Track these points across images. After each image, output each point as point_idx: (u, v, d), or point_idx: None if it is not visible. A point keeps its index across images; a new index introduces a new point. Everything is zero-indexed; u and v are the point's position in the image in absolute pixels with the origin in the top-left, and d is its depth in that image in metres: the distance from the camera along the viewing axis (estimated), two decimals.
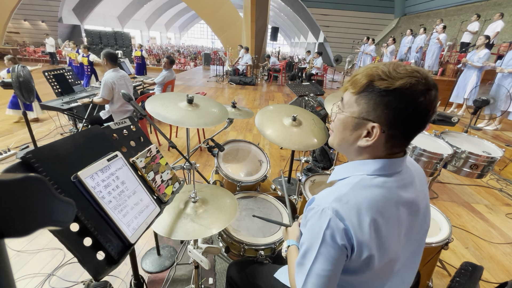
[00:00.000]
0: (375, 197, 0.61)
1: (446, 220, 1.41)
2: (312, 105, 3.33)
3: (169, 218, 1.05)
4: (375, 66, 0.60)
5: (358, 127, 0.64)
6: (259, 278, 1.04)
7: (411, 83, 0.56)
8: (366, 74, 0.60)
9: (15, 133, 3.76)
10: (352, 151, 0.69)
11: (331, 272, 0.60)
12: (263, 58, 11.39)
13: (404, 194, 0.65)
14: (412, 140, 0.65)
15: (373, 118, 0.61)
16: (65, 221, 0.33)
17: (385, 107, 0.58)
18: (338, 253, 0.59)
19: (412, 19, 13.67)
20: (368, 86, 0.60)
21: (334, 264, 0.60)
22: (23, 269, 1.63)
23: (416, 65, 8.12)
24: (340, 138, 0.69)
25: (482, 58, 4.58)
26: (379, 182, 0.63)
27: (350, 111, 0.64)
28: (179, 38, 35.24)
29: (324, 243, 0.59)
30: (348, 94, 0.65)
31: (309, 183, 1.73)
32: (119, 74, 2.82)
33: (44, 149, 0.61)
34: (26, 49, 13.64)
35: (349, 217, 0.58)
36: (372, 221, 0.59)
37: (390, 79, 0.57)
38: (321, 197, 0.64)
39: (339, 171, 0.71)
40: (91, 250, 0.62)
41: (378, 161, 0.64)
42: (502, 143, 3.76)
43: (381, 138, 0.62)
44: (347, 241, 0.58)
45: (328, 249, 0.59)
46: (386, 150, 0.64)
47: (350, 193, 0.61)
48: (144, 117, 1.32)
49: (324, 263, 0.60)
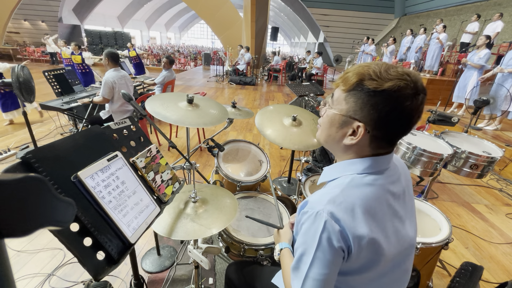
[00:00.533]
0: (367, 195, 0.61)
1: (446, 220, 1.41)
2: (312, 105, 3.33)
3: (169, 218, 1.05)
4: (367, 65, 0.60)
5: (344, 125, 0.64)
6: (257, 280, 1.04)
7: (400, 86, 0.56)
8: (357, 73, 0.60)
9: (15, 133, 3.76)
10: (338, 149, 0.69)
11: (327, 275, 0.60)
12: (263, 58, 11.40)
13: (393, 189, 0.66)
14: (396, 143, 0.65)
15: (359, 118, 0.61)
16: (65, 221, 0.33)
17: (371, 107, 0.59)
18: (335, 256, 0.59)
19: (412, 19, 13.67)
20: (358, 84, 0.60)
21: (331, 268, 0.59)
22: (23, 269, 1.63)
23: (416, 65, 8.02)
24: (327, 134, 0.69)
25: (483, 58, 4.58)
26: (370, 180, 0.63)
27: (338, 108, 0.65)
28: (179, 38, 35.23)
29: (320, 247, 0.59)
30: (339, 91, 0.65)
31: (309, 183, 1.73)
32: (120, 74, 2.82)
33: (44, 149, 0.60)
34: (26, 49, 13.64)
35: (343, 217, 0.58)
36: (366, 214, 0.60)
37: (379, 79, 0.57)
38: (315, 200, 0.63)
39: (329, 172, 0.71)
40: (91, 250, 0.62)
41: (365, 159, 0.65)
42: (502, 143, 3.76)
43: (366, 138, 0.62)
44: (343, 242, 0.58)
45: (324, 252, 0.59)
46: (371, 150, 0.65)
47: (343, 194, 0.61)
48: (144, 117, 1.32)
49: (320, 267, 0.59)
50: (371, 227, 0.59)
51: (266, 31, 11.57)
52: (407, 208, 0.71)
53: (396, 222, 0.66)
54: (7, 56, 13.35)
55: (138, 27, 26.04)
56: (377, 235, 0.60)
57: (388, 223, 0.64)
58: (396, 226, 0.65)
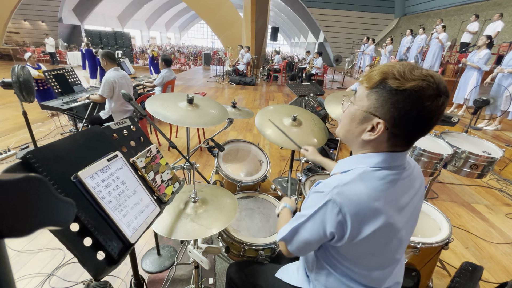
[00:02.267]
0: (376, 188, 0.64)
1: (446, 220, 1.41)
2: (312, 105, 3.33)
3: (169, 218, 1.05)
4: (392, 65, 0.62)
5: (364, 121, 0.67)
6: (259, 278, 1.04)
7: (422, 87, 0.57)
8: (381, 71, 0.61)
9: (15, 133, 3.76)
10: (356, 144, 0.72)
11: (307, 241, 0.72)
12: (263, 58, 11.39)
13: (402, 186, 0.69)
14: (414, 143, 0.67)
15: (380, 114, 0.63)
16: (65, 221, 0.33)
17: (392, 105, 0.60)
18: (320, 233, 0.68)
19: (412, 19, 13.67)
20: (381, 83, 0.61)
21: (313, 237, 0.70)
22: (23, 269, 1.63)
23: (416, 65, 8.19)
24: (346, 129, 0.72)
25: (483, 58, 4.58)
26: (381, 174, 0.66)
27: (360, 104, 0.67)
28: (179, 38, 35.22)
29: (314, 217, 0.67)
30: (362, 88, 0.67)
31: (309, 183, 1.73)
32: (120, 74, 2.83)
33: (44, 149, 0.60)
34: (26, 49, 13.64)
35: (347, 205, 0.62)
36: (369, 211, 0.63)
37: (402, 79, 0.58)
38: (326, 182, 0.68)
39: (342, 164, 0.74)
40: (91, 250, 0.62)
41: (380, 154, 0.67)
42: (502, 143, 3.76)
43: (384, 134, 0.64)
44: (335, 228, 0.65)
45: (315, 226, 0.68)
46: (388, 147, 0.67)
47: (352, 183, 0.64)
48: (144, 117, 1.32)
49: (305, 231, 0.71)
50: (373, 216, 0.63)
51: (266, 31, 11.56)
52: (414, 210, 0.74)
53: (396, 217, 0.68)
54: (7, 56, 13.35)
55: (138, 27, 26.04)
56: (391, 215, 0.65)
57: (390, 212, 0.66)
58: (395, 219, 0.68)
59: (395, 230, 0.67)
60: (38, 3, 15.85)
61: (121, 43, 12.84)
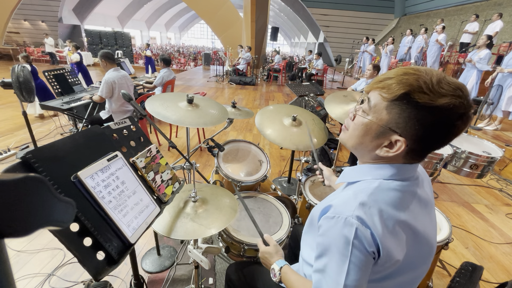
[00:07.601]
0: (395, 201, 0.59)
1: (446, 220, 1.41)
2: (312, 105, 3.33)
3: (169, 218, 1.05)
4: (415, 74, 0.54)
5: (381, 136, 0.60)
6: (258, 280, 1.04)
7: (454, 105, 0.52)
8: (404, 83, 0.54)
9: (15, 133, 3.76)
10: (367, 156, 0.66)
11: (362, 280, 0.57)
12: (263, 58, 11.40)
13: (421, 195, 0.65)
14: (428, 154, 0.63)
15: (401, 132, 0.57)
16: (65, 221, 0.33)
17: (417, 122, 0.54)
18: (367, 260, 0.56)
19: (412, 19, 13.67)
20: (405, 96, 0.54)
21: (364, 272, 0.57)
22: (23, 269, 1.63)
23: (416, 65, 8.10)
24: (358, 142, 0.65)
25: (483, 58, 4.58)
26: (397, 186, 0.61)
27: (377, 117, 0.59)
28: (179, 38, 35.21)
29: (353, 254, 0.56)
30: (378, 97, 0.59)
31: (309, 183, 1.73)
32: (120, 74, 2.83)
33: (44, 149, 0.60)
34: (26, 49, 13.63)
35: (373, 223, 0.56)
36: (396, 224, 0.58)
37: (432, 94, 0.52)
38: (340, 205, 0.60)
39: (350, 173, 0.69)
40: (91, 250, 0.62)
41: (394, 166, 0.62)
42: (502, 143, 3.76)
43: (403, 151, 0.59)
44: (375, 246, 0.56)
45: (359, 258, 0.56)
46: (403, 160, 0.62)
47: (371, 199, 0.58)
48: (144, 117, 1.32)
49: (356, 273, 0.56)
50: (399, 245, 0.58)
51: (266, 31, 11.57)
52: (431, 217, 0.70)
53: (422, 227, 0.64)
54: (7, 56, 13.35)
55: (138, 27, 26.02)
56: (400, 257, 0.59)
57: (418, 223, 0.63)
58: (423, 230, 0.64)
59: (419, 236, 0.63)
60: (38, 3, 15.84)
61: (121, 43, 12.85)
